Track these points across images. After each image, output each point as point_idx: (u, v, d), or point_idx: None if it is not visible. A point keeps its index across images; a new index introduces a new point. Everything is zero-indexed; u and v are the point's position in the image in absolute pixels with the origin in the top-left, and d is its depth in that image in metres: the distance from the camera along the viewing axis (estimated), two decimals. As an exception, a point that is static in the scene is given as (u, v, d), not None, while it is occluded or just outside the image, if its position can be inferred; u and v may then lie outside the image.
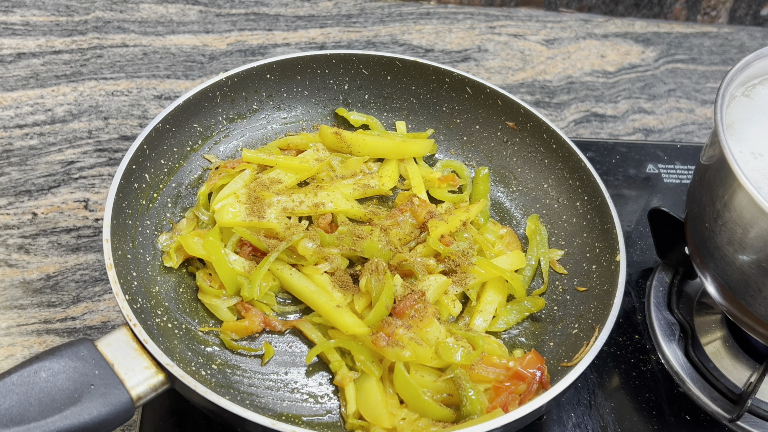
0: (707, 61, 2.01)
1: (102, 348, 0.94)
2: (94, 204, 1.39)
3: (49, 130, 1.50)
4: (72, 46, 1.68)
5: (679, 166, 1.60)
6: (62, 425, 0.86)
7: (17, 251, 1.31)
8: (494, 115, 1.40)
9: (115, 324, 1.24)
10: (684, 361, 1.25)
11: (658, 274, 1.37)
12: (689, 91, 1.90)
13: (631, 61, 1.96)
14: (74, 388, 0.89)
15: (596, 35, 2.02)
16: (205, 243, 1.16)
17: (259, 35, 1.81)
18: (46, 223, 1.35)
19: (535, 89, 1.82)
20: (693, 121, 1.83)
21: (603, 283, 1.18)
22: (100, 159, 1.47)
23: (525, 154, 1.38)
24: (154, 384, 0.94)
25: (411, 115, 1.45)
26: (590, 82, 1.87)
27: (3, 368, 1.16)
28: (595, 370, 1.24)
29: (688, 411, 1.21)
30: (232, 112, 1.36)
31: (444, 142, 1.45)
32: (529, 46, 1.94)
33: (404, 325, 1.08)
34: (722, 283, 1.08)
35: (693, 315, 1.31)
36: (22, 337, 1.21)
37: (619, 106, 1.82)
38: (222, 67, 1.71)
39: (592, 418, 1.18)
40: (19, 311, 1.23)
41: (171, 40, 1.75)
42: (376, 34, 1.87)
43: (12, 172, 1.42)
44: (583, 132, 1.74)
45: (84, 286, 1.28)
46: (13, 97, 1.54)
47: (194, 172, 1.30)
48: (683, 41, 2.06)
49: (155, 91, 1.62)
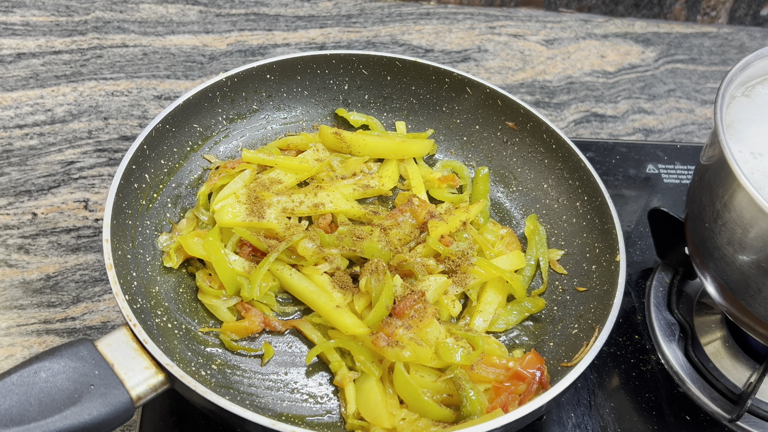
0: (707, 61, 2.01)
1: (102, 348, 0.94)
2: (94, 204, 1.39)
3: (49, 130, 1.50)
4: (72, 47, 1.68)
5: (679, 166, 1.60)
6: (62, 425, 0.86)
7: (17, 251, 1.31)
8: (494, 115, 1.40)
9: (115, 324, 1.24)
10: (684, 362, 1.25)
11: (658, 274, 1.37)
12: (689, 92, 1.90)
13: (631, 62, 1.96)
14: (74, 389, 0.89)
15: (596, 35, 2.02)
16: (205, 243, 1.16)
17: (259, 35, 1.81)
18: (46, 223, 1.35)
19: (534, 89, 1.82)
20: (693, 121, 1.83)
21: (603, 283, 1.18)
22: (100, 159, 1.47)
23: (525, 154, 1.38)
24: (154, 384, 0.94)
25: (411, 115, 1.45)
26: (590, 82, 1.87)
27: (3, 368, 1.16)
28: (595, 371, 1.24)
29: (687, 411, 1.21)
30: (232, 113, 1.36)
31: (444, 142, 1.45)
32: (529, 46, 1.94)
33: (404, 326, 1.08)
34: (722, 283, 1.08)
35: (693, 315, 1.31)
36: (22, 337, 1.21)
37: (619, 106, 1.82)
38: (222, 67, 1.71)
39: (592, 418, 1.18)
40: (19, 311, 1.24)
41: (171, 41, 1.75)
42: (376, 35, 1.87)
43: (12, 173, 1.42)
44: (583, 132, 1.74)
45: (84, 287, 1.28)
46: (13, 97, 1.54)
47: (194, 173, 1.30)
48: (683, 41, 2.06)
49: (155, 92, 1.62)
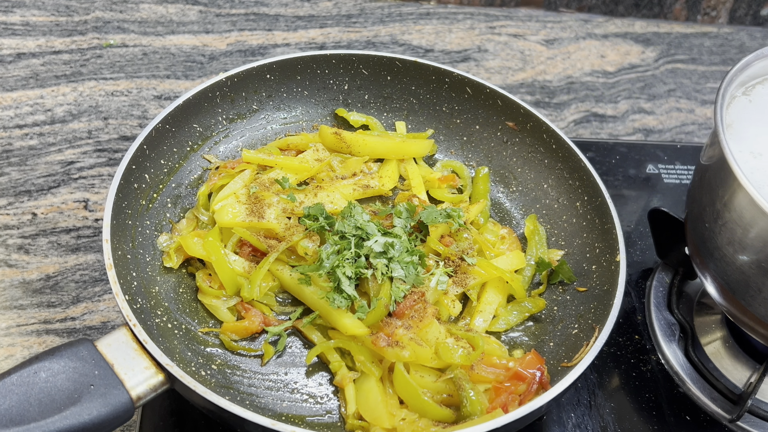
0: (707, 61, 2.01)
1: (102, 348, 0.94)
2: (94, 204, 1.39)
3: (49, 130, 1.50)
4: (72, 46, 1.68)
5: (679, 167, 1.60)
6: (62, 425, 0.86)
7: (17, 251, 1.31)
8: (494, 115, 1.40)
9: (115, 324, 1.24)
10: (684, 362, 1.25)
11: (658, 274, 1.37)
12: (689, 92, 1.90)
13: (631, 61, 1.96)
14: (74, 389, 0.89)
15: (596, 35, 2.02)
16: (204, 243, 1.16)
17: (259, 35, 1.81)
18: (45, 223, 1.35)
19: (535, 89, 1.82)
20: (693, 121, 1.83)
21: (603, 284, 1.18)
22: (100, 159, 1.47)
23: (525, 154, 1.38)
24: (153, 384, 0.94)
25: (411, 115, 1.45)
26: (590, 82, 1.87)
27: (3, 368, 1.16)
28: (595, 371, 1.24)
29: (688, 411, 1.21)
30: (232, 113, 1.36)
31: (444, 142, 1.45)
32: (529, 46, 1.94)
33: (404, 326, 1.08)
34: (722, 284, 1.08)
35: (693, 315, 1.31)
36: (21, 337, 1.21)
37: (619, 106, 1.82)
38: (222, 67, 1.71)
39: (592, 419, 1.18)
40: (18, 311, 1.23)
41: (171, 40, 1.75)
42: (376, 35, 1.87)
43: (12, 173, 1.42)
44: (583, 132, 1.74)
45: (84, 287, 1.28)
46: (12, 98, 1.54)
47: (194, 173, 1.30)
48: (683, 41, 2.06)
49: (155, 92, 1.62)
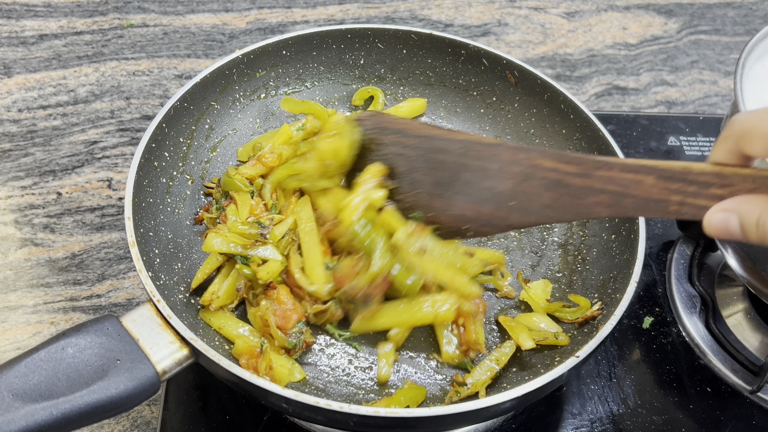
0: (731, 32, 1.98)
1: (127, 324, 0.95)
2: (117, 183, 1.41)
3: (72, 110, 1.52)
4: (93, 27, 1.69)
5: (701, 138, 1.58)
6: (90, 399, 0.87)
7: (43, 230, 1.33)
8: (511, 87, 1.39)
9: (140, 301, 1.27)
10: (705, 334, 1.24)
11: (679, 246, 1.36)
12: (712, 63, 1.88)
13: (654, 33, 1.93)
14: (101, 364, 0.90)
15: (618, 7, 1.99)
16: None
17: (278, 13, 1.80)
18: (70, 202, 1.38)
19: (556, 63, 1.80)
20: (716, 93, 1.80)
21: (623, 252, 1.17)
22: (123, 138, 1.48)
23: (543, 125, 1.37)
24: (178, 358, 0.95)
25: (427, 89, 1.45)
26: (612, 54, 1.85)
27: (31, 345, 1.18)
28: (615, 343, 1.24)
29: (708, 383, 1.20)
30: (249, 90, 1.36)
31: (461, 115, 1.44)
32: (550, 19, 1.92)
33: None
34: (743, 255, 1.07)
35: (714, 287, 1.30)
36: (48, 314, 1.23)
37: (641, 78, 1.80)
38: (241, 45, 1.71)
39: (612, 390, 1.18)
40: (45, 289, 1.26)
41: (191, 20, 1.75)
42: (395, 10, 1.86)
43: (36, 153, 1.44)
44: (604, 105, 1.73)
45: (108, 264, 1.30)
46: (36, 79, 1.56)
47: (213, 150, 1.31)
48: (706, 12, 2.03)
49: (176, 71, 1.63)
